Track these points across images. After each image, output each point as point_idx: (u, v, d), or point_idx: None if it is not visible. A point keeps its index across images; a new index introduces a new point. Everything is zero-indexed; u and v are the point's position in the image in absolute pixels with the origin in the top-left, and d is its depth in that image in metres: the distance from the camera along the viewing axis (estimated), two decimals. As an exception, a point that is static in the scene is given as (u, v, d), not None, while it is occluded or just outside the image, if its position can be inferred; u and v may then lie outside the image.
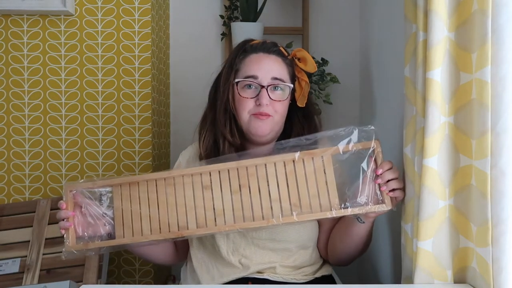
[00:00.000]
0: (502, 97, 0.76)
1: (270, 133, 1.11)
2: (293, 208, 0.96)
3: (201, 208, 0.98)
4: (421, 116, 0.89)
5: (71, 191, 1.01)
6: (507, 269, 0.76)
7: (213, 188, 0.99)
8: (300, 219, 0.95)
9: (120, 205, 1.01)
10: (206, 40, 1.99)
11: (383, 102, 1.53)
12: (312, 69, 1.14)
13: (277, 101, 1.09)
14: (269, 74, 1.09)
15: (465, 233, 0.86)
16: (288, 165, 0.98)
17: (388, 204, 0.96)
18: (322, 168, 0.98)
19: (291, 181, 0.98)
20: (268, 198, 0.97)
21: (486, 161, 0.78)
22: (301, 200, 0.97)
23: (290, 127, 1.17)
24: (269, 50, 1.13)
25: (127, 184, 1.01)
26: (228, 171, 0.99)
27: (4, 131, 1.69)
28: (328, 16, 1.99)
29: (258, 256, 1.10)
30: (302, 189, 0.97)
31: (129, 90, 1.70)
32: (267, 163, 0.98)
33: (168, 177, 1.00)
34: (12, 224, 1.55)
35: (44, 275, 1.43)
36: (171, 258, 1.22)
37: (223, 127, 1.12)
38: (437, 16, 0.83)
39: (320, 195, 0.97)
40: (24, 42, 1.69)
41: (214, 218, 0.97)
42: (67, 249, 0.98)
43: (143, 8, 1.69)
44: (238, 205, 0.97)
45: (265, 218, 0.96)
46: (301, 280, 1.12)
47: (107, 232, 1.00)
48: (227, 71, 1.14)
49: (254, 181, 0.98)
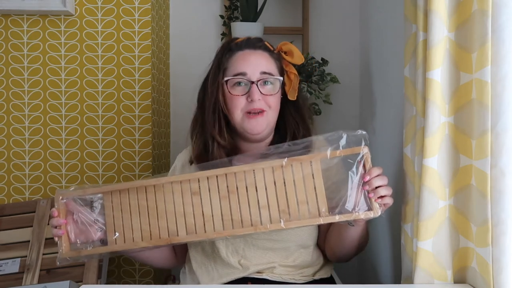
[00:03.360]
0: (502, 97, 0.76)
1: (265, 129, 1.11)
2: (281, 215, 0.96)
3: (191, 214, 0.99)
4: (421, 116, 0.89)
5: (62, 198, 1.02)
6: (507, 269, 0.76)
7: (202, 194, 0.99)
8: (287, 226, 0.95)
9: (111, 213, 1.02)
10: (206, 40, 1.99)
11: (383, 102, 1.53)
12: (299, 61, 1.14)
13: (268, 95, 1.09)
14: (257, 69, 1.09)
15: (465, 233, 0.86)
16: (276, 171, 0.98)
17: (375, 211, 0.94)
18: (311, 174, 0.97)
19: (279, 187, 0.97)
20: (256, 205, 0.97)
21: (486, 161, 0.78)
22: (290, 206, 0.96)
23: (283, 122, 1.17)
24: (255, 45, 1.13)
25: (117, 192, 1.02)
26: (216, 177, 0.99)
27: (4, 131, 1.69)
28: (328, 16, 1.99)
29: (258, 256, 1.10)
30: (291, 195, 0.97)
31: (129, 90, 1.70)
32: (255, 170, 0.98)
33: (157, 184, 1.01)
34: (12, 224, 1.55)
35: (44, 275, 1.43)
36: (170, 262, 1.23)
37: (212, 128, 1.11)
38: (437, 16, 0.83)
39: (308, 201, 0.96)
40: (24, 42, 1.69)
41: (203, 225, 0.98)
42: (61, 256, 1.00)
43: (143, 8, 1.69)
44: (227, 211, 0.98)
45: (253, 224, 0.96)
46: (300, 280, 1.12)
47: (99, 238, 1.01)
48: (214, 72, 1.14)
49: (242, 187, 0.98)
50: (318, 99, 1.78)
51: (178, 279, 1.29)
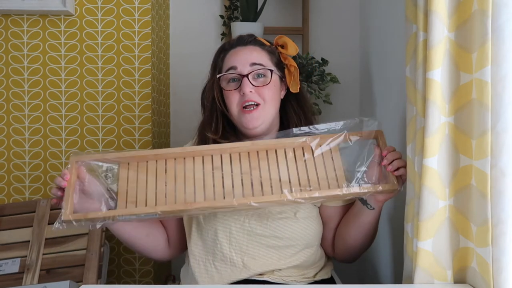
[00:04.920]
0: (502, 97, 0.76)
1: (262, 124, 1.11)
2: (302, 190, 0.98)
3: (211, 185, 0.98)
4: (421, 116, 0.89)
5: (77, 161, 0.98)
6: (507, 269, 0.76)
7: (224, 168, 0.99)
8: (310, 195, 0.96)
9: (126, 175, 0.99)
10: (206, 40, 1.99)
11: (383, 102, 1.53)
12: (294, 52, 1.16)
13: (261, 86, 1.10)
14: (247, 61, 1.11)
15: (465, 233, 0.86)
16: (297, 150, 1.01)
17: (393, 184, 0.98)
18: (330, 154, 1.01)
19: (300, 165, 1.00)
20: (278, 181, 0.99)
21: (486, 161, 0.78)
22: (310, 181, 0.99)
23: (286, 119, 1.19)
24: (245, 42, 1.17)
25: (136, 160, 1.00)
26: (239, 154, 1.00)
27: (4, 131, 1.69)
28: (328, 16, 1.99)
29: (262, 254, 1.08)
30: (311, 172, 1.00)
31: (129, 90, 1.70)
32: (277, 149, 1.01)
33: (179, 155, 1.00)
34: (12, 224, 1.55)
35: (44, 275, 1.43)
36: (162, 253, 1.21)
37: (208, 126, 1.15)
38: (437, 16, 0.83)
39: (328, 178, 0.99)
40: (24, 42, 1.69)
41: (223, 193, 0.97)
42: (66, 217, 0.94)
43: (143, 8, 1.69)
44: (248, 182, 0.98)
45: (274, 193, 0.97)
46: (302, 282, 1.11)
47: (108, 208, 0.97)
48: (211, 72, 1.19)
49: (264, 165, 1.00)
50: (318, 99, 1.78)
51: (178, 279, 1.28)
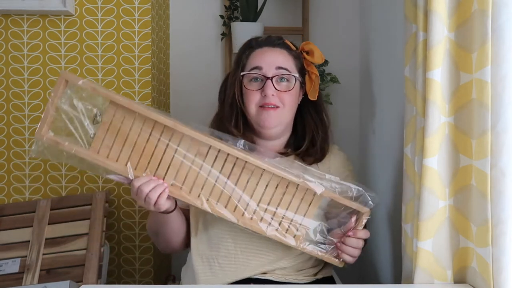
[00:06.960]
0: (502, 97, 0.76)
1: (278, 126, 1.12)
2: (264, 216, 1.00)
3: (186, 168, 0.97)
4: (421, 116, 0.89)
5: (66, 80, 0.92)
6: (507, 269, 0.76)
7: (206, 159, 0.98)
8: (257, 230, 0.99)
9: (109, 122, 0.93)
10: (206, 40, 1.99)
11: (383, 102, 1.53)
12: (320, 60, 1.15)
13: (283, 91, 1.10)
14: (273, 64, 1.11)
15: (465, 233, 0.86)
16: (283, 180, 1.00)
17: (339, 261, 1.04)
18: (309, 202, 1.01)
19: (277, 193, 1.00)
20: (250, 194, 0.99)
21: (486, 161, 0.78)
22: (276, 214, 1.00)
23: (302, 123, 1.18)
24: (274, 43, 1.15)
25: (124, 111, 0.94)
26: (227, 154, 0.98)
27: (4, 131, 1.69)
28: (328, 16, 1.99)
29: (264, 251, 1.08)
30: (283, 206, 1.01)
31: (129, 90, 1.70)
32: (266, 168, 0.99)
33: (169, 127, 0.97)
34: (12, 224, 1.55)
35: (44, 275, 1.43)
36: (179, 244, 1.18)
37: (228, 122, 1.14)
38: (437, 16, 0.83)
39: (293, 220, 1.01)
40: (24, 42, 1.69)
41: (192, 184, 0.98)
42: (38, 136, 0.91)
43: (143, 8, 1.69)
44: (222, 183, 0.98)
45: (235, 211, 0.98)
46: (303, 281, 1.12)
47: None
48: (234, 68, 1.17)
49: (246, 175, 0.99)
50: (318, 99, 1.78)
51: (178, 279, 1.28)
